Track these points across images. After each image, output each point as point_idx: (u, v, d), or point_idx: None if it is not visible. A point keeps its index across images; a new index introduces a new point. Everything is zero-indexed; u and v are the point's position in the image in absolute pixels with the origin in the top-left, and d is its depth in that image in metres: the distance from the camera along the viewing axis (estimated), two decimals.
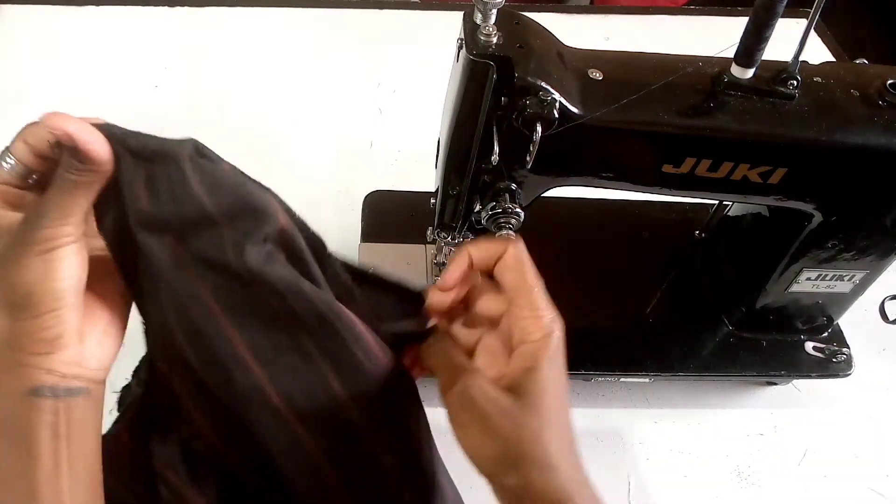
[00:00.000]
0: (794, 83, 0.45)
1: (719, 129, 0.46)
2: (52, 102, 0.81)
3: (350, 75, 0.90)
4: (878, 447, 0.62)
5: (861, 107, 0.47)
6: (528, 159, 0.44)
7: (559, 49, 0.46)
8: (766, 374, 0.61)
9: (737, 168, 0.47)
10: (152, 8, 0.95)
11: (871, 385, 0.66)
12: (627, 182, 0.51)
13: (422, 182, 0.65)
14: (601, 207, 0.69)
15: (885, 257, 0.55)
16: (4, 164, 0.33)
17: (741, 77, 0.45)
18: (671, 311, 0.63)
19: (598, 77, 0.45)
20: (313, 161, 0.79)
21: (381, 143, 0.81)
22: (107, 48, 0.89)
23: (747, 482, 0.59)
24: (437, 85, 0.50)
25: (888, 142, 0.46)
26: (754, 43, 0.43)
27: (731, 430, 0.62)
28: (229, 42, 0.92)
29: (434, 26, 0.96)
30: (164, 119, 0.81)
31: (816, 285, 0.58)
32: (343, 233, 0.71)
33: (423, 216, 0.60)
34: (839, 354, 0.61)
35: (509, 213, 0.49)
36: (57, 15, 0.92)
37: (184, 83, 0.86)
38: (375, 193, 0.68)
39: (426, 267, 0.62)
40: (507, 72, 0.42)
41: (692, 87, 0.46)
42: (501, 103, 0.43)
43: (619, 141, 0.47)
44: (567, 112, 0.44)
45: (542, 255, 0.65)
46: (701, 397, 0.64)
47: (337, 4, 0.99)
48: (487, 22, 0.41)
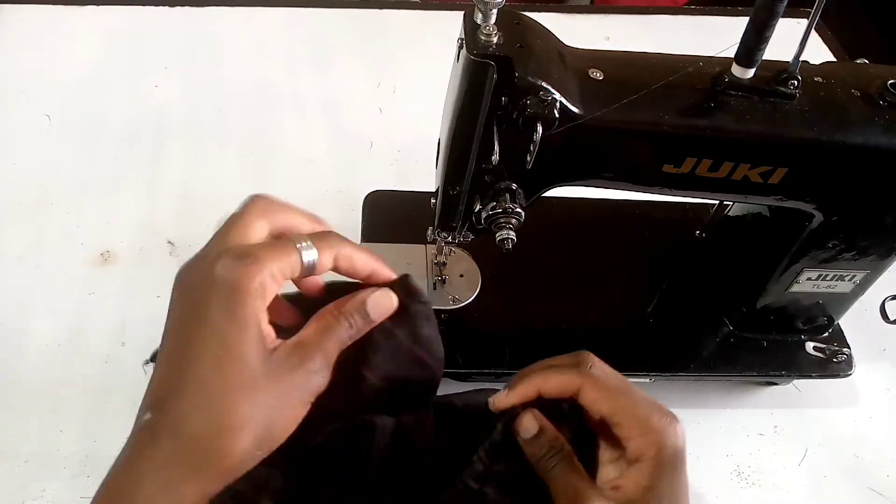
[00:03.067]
0: (794, 83, 0.45)
1: (720, 129, 0.46)
2: (52, 102, 0.81)
3: (350, 75, 0.90)
4: (878, 447, 0.62)
5: (862, 107, 0.47)
6: (528, 159, 0.44)
7: (559, 49, 0.46)
8: (766, 374, 0.61)
9: (737, 168, 0.47)
10: (152, 8, 0.95)
11: (871, 385, 0.66)
12: (627, 182, 0.51)
13: (422, 182, 0.65)
14: (601, 207, 0.69)
15: (885, 257, 0.55)
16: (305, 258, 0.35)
17: (742, 77, 0.45)
18: (671, 311, 0.63)
19: (599, 77, 0.45)
20: (313, 161, 0.79)
21: (381, 143, 0.81)
22: (107, 48, 0.89)
23: (747, 482, 0.59)
24: (437, 85, 0.50)
25: (889, 142, 0.46)
26: (755, 43, 0.43)
27: (731, 430, 0.62)
28: (229, 42, 0.92)
29: (434, 26, 0.96)
30: (164, 119, 0.81)
31: (817, 285, 0.58)
32: (343, 233, 0.70)
33: (423, 216, 0.60)
34: (839, 354, 0.61)
35: (509, 213, 0.48)
36: (57, 15, 0.92)
37: (184, 83, 0.86)
38: (375, 193, 0.68)
39: (426, 267, 0.62)
40: (508, 72, 0.42)
41: (692, 87, 0.46)
42: (501, 103, 0.43)
43: (620, 141, 0.47)
44: (567, 112, 0.43)
45: (542, 255, 0.65)
46: (701, 397, 0.64)
47: (337, 4, 0.99)
48: (488, 22, 0.41)
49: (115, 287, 0.66)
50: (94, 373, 0.60)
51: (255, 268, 0.32)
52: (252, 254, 0.33)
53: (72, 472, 0.54)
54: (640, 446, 0.35)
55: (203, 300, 0.32)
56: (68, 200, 0.72)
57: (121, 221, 0.71)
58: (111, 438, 0.56)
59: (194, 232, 0.71)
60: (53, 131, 0.78)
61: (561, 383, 0.38)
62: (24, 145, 0.76)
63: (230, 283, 0.32)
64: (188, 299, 0.33)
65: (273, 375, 0.32)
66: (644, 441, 0.35)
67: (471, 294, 0.61)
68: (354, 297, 0.37)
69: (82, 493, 0.53)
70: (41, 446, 0.55)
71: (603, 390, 0.37)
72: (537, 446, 0.37)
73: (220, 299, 0.32)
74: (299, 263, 0.34)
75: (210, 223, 0.79)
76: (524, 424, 0.38)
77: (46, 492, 0.53)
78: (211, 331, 0.32)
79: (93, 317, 0.63)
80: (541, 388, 0.38)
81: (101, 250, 0.68)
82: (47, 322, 0.63)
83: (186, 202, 0.73)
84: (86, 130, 0.79)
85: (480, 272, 0.63)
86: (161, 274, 0.67)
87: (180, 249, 0.69)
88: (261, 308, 0.33)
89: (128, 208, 0.72)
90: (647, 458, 0.35)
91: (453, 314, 0.60)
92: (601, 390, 0.37)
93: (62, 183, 0.74)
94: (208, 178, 0.76)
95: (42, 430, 0.56)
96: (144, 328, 0.63)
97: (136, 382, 0.58)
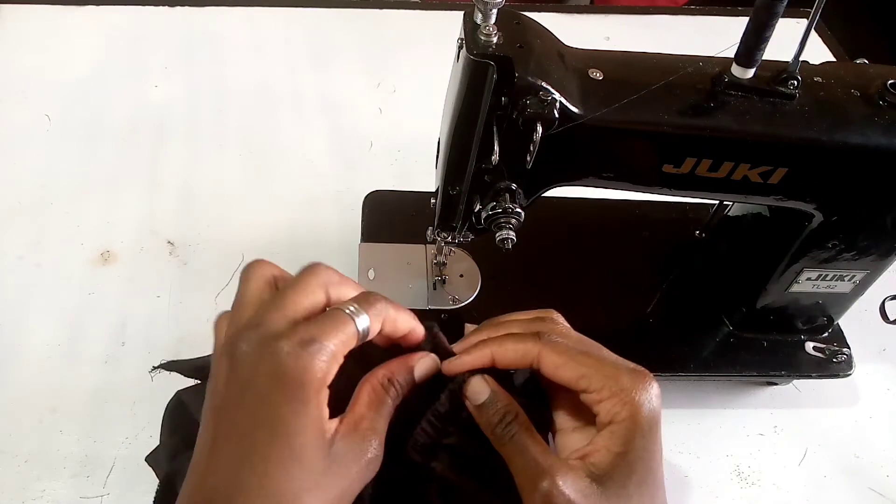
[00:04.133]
0: (794, 83, 0.45)
1: (720, 129, 0.46)
2: (52, 102, 0.81)
3: (350, 75, 0.90)
4: (878, 447, 0.62)
5: (861, 107, 0.47)
6: (528, 159, 0.44)
7: (559, 49, 0.46)
8: (766, 374, 0.61)
9: (737, 168, 0.47)
10: (152, 8, 0.95)
11: (871, 385, 0.66)
12: (628, 182, 0.50)
13: (422, 182, 0.65)
14: (601, 207, 0.69)
15: (885, 257, 0.55)
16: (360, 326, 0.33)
17: (741, 77, 0.45)
18: (671, 311, 0.63)
19: (599, 77, 0.45)
20: (313, 161, 0.79)
21: (381, 143, 0.81)
22: (107, 48, 0.89)
23: (747, 482, 0.59)
24: (437, 85, 0.50)
25: (888, 142, 0.46)
26: (755, 43, 0.43)
27: (731, 430, 0.62)
28: (229, 42, 0.92)
29: (434, 26, 0.96)
30: (163, 119, 0.81)
31: (817, 285, 0.58)
32: (343, 233, 0.71)
33: (423, 216, 0.60)
34: (839, 354, 0.61)
35: (509, 213, 0.48)
36: (57, 15, 0.92)
37: (184, 83, 0.86)
38: (375, 193, 0.68)
39: (426, 267, 0.62)
40: (508, 72, 0.42)
41: (692, 87, 0.46)
42: (501, 103, 0.43)
43: (620, 141, 0.47)
44: (567, 112, 0.43)
45: (542, 255, 0.65)
46: (701, 397, 0.64)
47: (337, 4, 0.99)
48: (487, 22, 0.41)
49: (115, 287, 0.66)
50: (94, 373, 0.60)
51: (321, 356, 0.31)
52: (316, 338, 0.31)
53: (72, 472, 0.54)
54: (612, 407, 0.33)
55: (268, 393, 0.30)
56: (68, 200, 0.72)
57: (121, 221, 0.71)
58: (111, 438, 0.56)
59: (194, 232, 0.71)
60: (53, 131, 0.78)
61: (517, 353, 0.35)
62: (24, 145, 0.76)
63: (297, 377, 0.30)
64: (247, 381, 0.31)
65: (335, 473, 0.31)
66: (615, 402, 0.33)
67: (471, 294, 0.61)
68: (402, 364, 0.36)
69: (82, 493, 0.53)
70: (41, 446, 0.55)
71: (564, 354, 0.34)
72: (490, 413, 0.35)
73: (287, 394, 0.30)
74: (356, 335, 0.33)
75: (210, 223, 0.80)
76: (473, 388, 0.36)
77: (46, 492, 0.53)
78: (275, 430, 0.30)
79: (93, 317, 0.63)
80: (496, 356, 0.36)
81: (101, 250, 0.68)
82: (47, 322, 0.63)
83: (186, 202, 0.73)
84: (86, 130, 0.79)
85: (480, 272, 0.63)
86: (161, 274, 0.67)
87: (180, 249, 0.69)
88: (324, 400, 0.32)
89: (128, 208, 0.72)
90: (621, 420, 0.32)
91: (453, 314, 0.60)
92: (562, 354, 0.34)
93: (62, 183, 0.74)
94: (208, 178, 0.76)
95: (42, 430, 0.56)
96: (144, 328, 0.63)
97: (136, 382, 0.59)
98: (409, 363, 0.37)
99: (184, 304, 0.65)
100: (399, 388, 0.36)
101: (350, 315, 0.33)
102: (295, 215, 0.71)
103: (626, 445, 0.32)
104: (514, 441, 0.34)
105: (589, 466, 0.32)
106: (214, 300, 0.65)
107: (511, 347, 0.36)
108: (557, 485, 0.31)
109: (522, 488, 0.33)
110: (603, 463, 0.32)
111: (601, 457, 0.32)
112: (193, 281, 0.67)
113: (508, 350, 0.36)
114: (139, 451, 0.53)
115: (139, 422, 0.57)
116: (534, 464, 0.32)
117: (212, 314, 0.64)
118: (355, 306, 0.34)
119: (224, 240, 0.70)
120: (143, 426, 0.56)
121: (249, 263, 0.36)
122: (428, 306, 0.60)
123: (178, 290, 0.66)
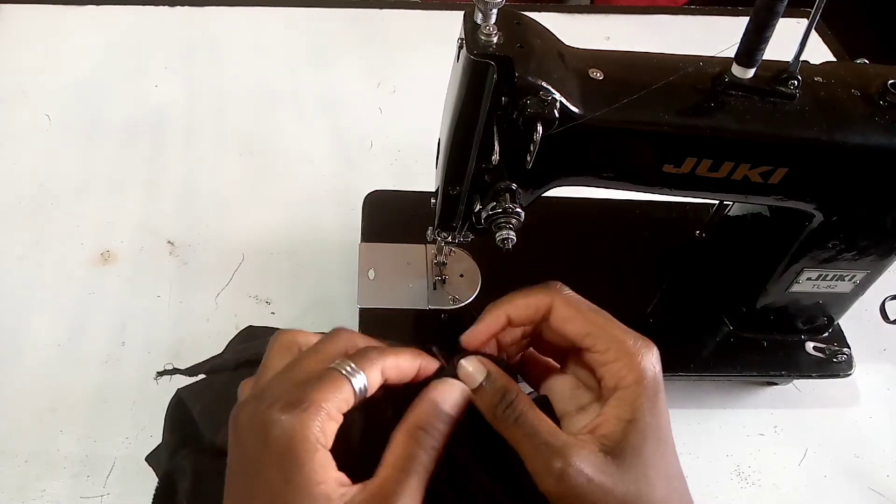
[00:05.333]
0: (794, 83, 0.45)
1: (720, 129, 0.46)
2: (52, 102, 0.81)
3: (350, 75, 0.90)
4: (878, 447, 0.62)
5: (862, 107, 0.47)
6: (528, 159, 0.44)
7: (560, 49, 0.46)
8: (766, 374, 0.61)
9: (737, 168, 0.47)
10: (152, 8, 0.95)
11: (871, 385, 0.66)
12: (628, 182, 0.50)
13: (422, 182, 0.65)
14: (601, 207, 0.69)
15: (885, 257, 0.55)
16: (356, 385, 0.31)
17: (742, 77, 0.45)
18: (671, 311, 0.63)
19: (599, 77, 0.45)
20: (313, 161, 0.79)
21: (381, 143, 0.81)
22: (107, 48, 0.89)
23: (747, 482, 0.59)
24: (437, 85, 0.50)
25: (889, 142, 0.46)
26: (755, 43, 0.43)
27: (731, 430, 0.62)
28: (229, 42, 0.92)
29: (434, 26, 0.96)
30: (164, 119, 0.81)
31: (817, 285, 0.58)
32: (343, 233, 0.71)
33: (423, 216, 0.60)
34: (839, 354, 0.61)
35: (509, 213, 0.48)
36: (57, 15, 0.92)
37: (184, 83, 0.86)
38: (375, 193, 0.68)
39: (426, 267, 0.62)
40: (508, 72, 0.42)
41: (693, 87, 0.46)
42: (502, 103, 0.43)
43: (620, 141, 0.47)
44: (567, 112, 0.43)
45: (542, 255, 0.65)
46: (701, 397, 0.64)
47: (337, 4, 0.99)
48: (488, 22, 0.41)
49: (115, 287, 0.66)
50: (94, 373, 0.60)
51: (308, 416, 0.29)
52: (303, 399, 0.29)
53: (72, 472, 0.54)
54: (618, 371, 0.32)
55: (259, 462, 0.29)
56: (68, 200, 0.72)
57: (121, 221, 0.71)
58: (111, 438, 0.56)
59: (194, 232, 0.71)
60: (53, 131, 0.78)
61: (530, 306, 0.34)
62: (24, 145, 0.76)
63: (284, 441, 0.28)
64: (243, 452, 0.30)
65: None
66: (622, 365, 0.32)
67: (471, 294, 0.61)
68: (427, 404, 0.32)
69: (82, 493, 0.53)
70: (41, 446, 0.55)
71: (575, 306, 0.34)
72: (490, 394, 0.33)
73: (278, 461, 0.28)
74: (352, 393, 0.31)
75: (210, 223, 0.80)
76: (468, 370, 0.34)
77: (46, 492, 0.53)
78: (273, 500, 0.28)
79: (93, 317, 0.63)
80: (509, 313, 0.35)
81: (101, 250, 0.68)
82: (47, 322, 0.63)
83: (186, 202, 0.73)
84: (86, 130, 0.79)
85: (480, 272, 0.63)
86: (161, 274, 0.67)
87: (180, 249, 0.69)
88: (324, 463, 0.29)
89: (128, 208, 0.72)
90: (627, 385, 0.31)
91: (453, 314, 0.60)
92: (572, 308, 0.34)
93: (62, 183, 0.74)
94: (208, 178, 0.76)
95: (42, 430, 0.56)
96: (144, 328, 0.63)
97: (135, 382, 0.59)
98: (432, 398, 0.33)
99: (184, 304, 0.65)
100: (436, 432, 0.32)
101: (340, 369, 0.31)
102: (295, 215, 0.71)
103: (634, 412, 0.31)
104: (520, 423, 0.32)
105: (601, 439, 0.31)
106: (214, 300, 0.65)
107: (523, 302, 0.35)
108: (572, 464, 0.30)
109: (534, 471, 0.31)
110: (615, 434, 0.31)
111: (611, 426, 0.31)
112: (193, 281, 0.67)
113: (520, 305, 0.35)
114: (139, 451, 0.53)
115: (139, 422, 0.57)
116: (544, 445, 0.31)
117: (212, 314, 0.65)
118: (350, 365, 0.31)
119: (224, 240, 0.70)
120: (144, 426, 0.56)
121: (277, 332, 0.35)
122: (428, 306, 0.60)
123: (178, 289, 0.66)
